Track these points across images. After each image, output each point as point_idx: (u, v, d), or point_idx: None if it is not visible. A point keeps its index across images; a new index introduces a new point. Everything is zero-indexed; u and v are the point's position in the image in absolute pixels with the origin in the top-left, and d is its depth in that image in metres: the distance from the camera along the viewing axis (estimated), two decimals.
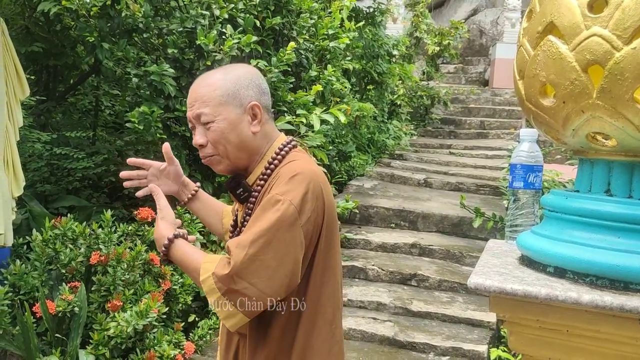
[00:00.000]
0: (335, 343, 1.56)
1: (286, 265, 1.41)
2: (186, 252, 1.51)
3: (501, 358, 3.81)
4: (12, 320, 3.08)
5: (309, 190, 1.45)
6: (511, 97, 10.87)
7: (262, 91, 1.58)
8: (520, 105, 1.38)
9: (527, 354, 1.25)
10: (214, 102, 1.50)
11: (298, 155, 1.59)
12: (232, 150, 1.53)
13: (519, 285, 1.16)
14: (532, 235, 1.34)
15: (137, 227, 3.53)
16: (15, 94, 3.41)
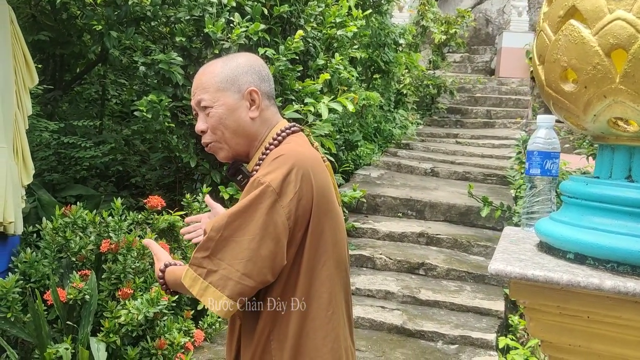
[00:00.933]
0: (332, 329, 1.53)
1: (267, 247, 1.40)
2: (175, 272, 1.58)
3: (509, 346, 3.82)
4: (23, 308, 3.09)
5: (291, 171, 1.43)
6: (518, 87, 10.82)
7: (262, 78, 1.58)
8: (540, 91, 1.37)
9: (546, 340, 1.25)
10: (213, 88, 1.53)
11: (292, 139, 1.59)
12: (230, 135, 1.55)
13: (540, 271, 1.15)
14: (551, 221, 1.33)
15: (147, 215, 3.53)
16: (24, 83, 3.40)
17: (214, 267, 1.40)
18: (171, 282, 1.59)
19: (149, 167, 5.59)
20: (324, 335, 1.52)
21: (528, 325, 1.27)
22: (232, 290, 1.39)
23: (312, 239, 1.49)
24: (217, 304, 1.40)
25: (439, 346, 3.82)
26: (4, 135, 3.13)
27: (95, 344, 2.86)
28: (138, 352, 3.02)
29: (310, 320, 1.51)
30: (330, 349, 1.53)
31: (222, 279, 1.39)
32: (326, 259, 1.52)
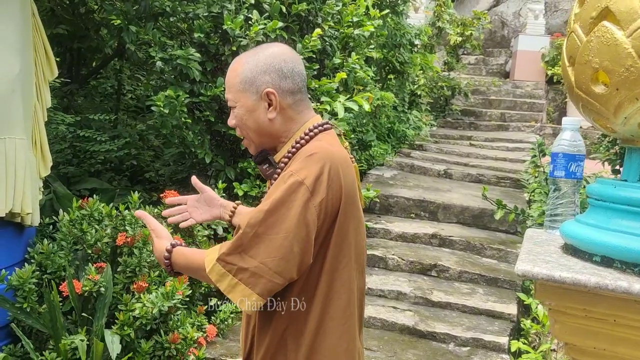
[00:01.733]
0: (348, 331, 1.54)
1: (298, 245, 1.40)
2: (187, 255, 1.56)
3: (521, 350, 3.80)
4: (38, 299, 3.12)
5: (324, 170, 1.44)
6: (532, 90, 10.77)
7: (283, 75, 1.54)
8: (569, 93, 1.36)
9: (571, 343, 1.24)
10: (235, 89, 1.56)
11: (324, 137, 1.58)
12: (252, 135, 1.59)
13: (567, 273, 1.15)
14: (577, 224, 1.33)
15: (163, 210, 3.54)
16: (44, 75, 3.42)
17: (245, 264, 1.40)
18: (180, 265, 1.56)
19: (163, 163, 5.61)
20: (340, 336, 1.53)
21: (552, 328, 1.26)
22: (262, 288, 1.39)
23: (336, 239, 1.49)
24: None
25: (450, 348, 3.81)
26: (23, 127, 3.15)
27: (109, 336, 2.88)
28: (151, 345, 3.04)
29: (328, 319, 1.51)
30: (345, 350, 1.54)
31: (253, 276, 1.39)
32: (348, 260, 1.53)
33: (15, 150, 3.05)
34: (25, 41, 3.19)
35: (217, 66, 4.60)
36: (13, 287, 3.03)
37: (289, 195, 1.41)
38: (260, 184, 4.48)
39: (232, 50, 4.32)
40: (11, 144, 3.03)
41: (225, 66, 4.65)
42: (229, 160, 4.83)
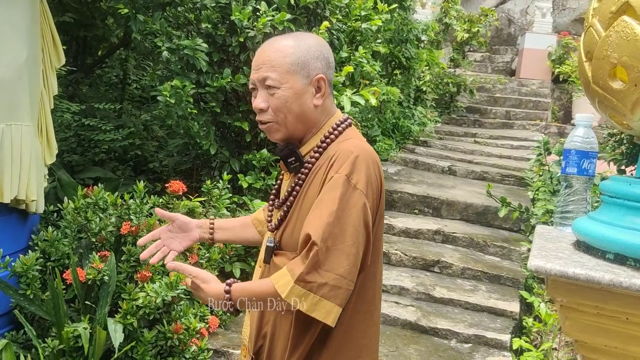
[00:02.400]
0: (373, 324, 1.57)
1: (361, 249, 1.43)
2: (248, 288, 1.49)
3: (523, 348, 3.79)
4: (42, 286, 3.12)
5: (370, 172, 1.46)
6: (538, 88, 10.73)
7: (329, 65, 1.57)
8: (585, 89, 1.35)
9: (581, 340, 1.23)
10: (282, 69, 1.49)
11: (354, 134, 1.59)
12: (291, 119, 1.53)
13: (580, 269, 1.14)
14: (590, 221, 1.32)
15: (168, 200, 3.53)
16: (51, 62, 3.40)
17: (323, 279, 1.37)
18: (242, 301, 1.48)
19: (167, 153, 5.60)
20: (365, 329, 1.55)
21: (563, 325, 1.25)
22: (342, 299, 1.40)
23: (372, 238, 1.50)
24: (330, 315, 1.38)
25: (452, 344, 3.80)
26: (30, 114, 3.14)
27: (112, 325, 2.87)
28: (154, 335, 3.03)
29: (355, 313, 1.53)
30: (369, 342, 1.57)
31: (333, 289, 1.38)
32: (377, 256, 1.55)
33: (21, 136, 3.04)
34: (33, 28, 3.18)
35: (224, 57, 4.59)
36: (16, 273, 3.02)
37: (347, 202, 1.41)
38: (264, 176, 4.46)
39: (239, 42, 4.31)
40: (17, 131, 3.02)
41: (231, 57, 4.64)
42: (233, 152, 4.82)
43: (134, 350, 2.99)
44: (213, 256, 3.63)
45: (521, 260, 4.98)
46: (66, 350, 2.93)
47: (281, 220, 1.58)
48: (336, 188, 1.42)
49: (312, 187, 1.52)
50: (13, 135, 3.00)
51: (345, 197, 1.41)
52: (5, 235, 3.11)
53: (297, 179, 1.56)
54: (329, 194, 1.43)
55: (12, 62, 2.99)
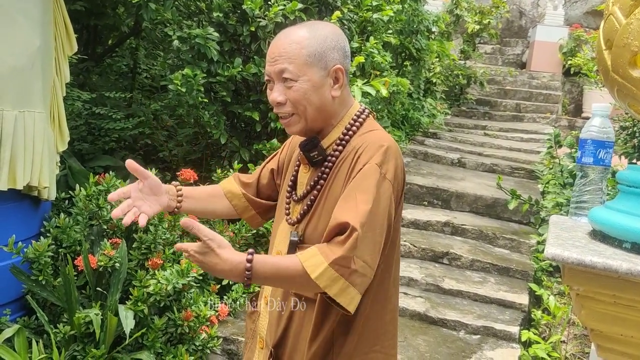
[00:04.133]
0: (390, 311, 1.57)
1: (384, 237, 1.44)
2: (273, 263, 1.40)
3: (531, 340, 3.80)
4: (53, 272, 3.14)
5: (397, 164, 1.48)
6: (549, 81, 10.67)
7: (346, 54, 1.56)
8: (604, 77, 1.34)
9: (597, 329, 1.23)
10: (299, 61, 1.47)
11: (375, 125, 1.60)
12: (311, 111, 1.51)
13: (598, 257, 1.13)
14: (607, 210, 1.31)
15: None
16: (63, 50, 3.41)
17: (356, 266, 1.36)
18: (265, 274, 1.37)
19: (177, 143, 5.61)
20: (382, 317, 1.55)
21: (579, 314, 1.25)
22: (364, 287, 1.40)
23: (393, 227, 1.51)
24: (352, 302, 1.37)
25: (461, 335, 3.81)
26: (42, 101, 3.15)
27: (123, 312, 2.89)
28: (164, 322, 3.05)
29: (374, 302, 1.53)
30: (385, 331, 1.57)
31: (360, 277, 1.38)
32: (394, 246, 1.56)
33: (34, 124, 3.05)
34: (46, 15, 3.18)
35: (235, 47, 4.58)
36: (29, 259, 3.04)
37: (378, 191, 1.42)
38: None
39: (251, 31, 4.30)
40: (30, 118, 3.03)
41: (242, 46, 4.63)
42: (243, 141, 4.82)
43: (144, 337, 3.01)
44: None
45: (530, 253, 4.97)
46: (77, 336, 2.95)
47: (304, 214, 1.56)
48: (369, 177, 1.42)
49: (337, 180, 1.51)
50: (26, 122, 3.01)
51: (377, 186, 1.41)
52: (18, 222, 3.14)
53: (320, 172, 1.55)
54: (363, 183, 1.42)
55: (25, 50, 3.00)
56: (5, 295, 3.09)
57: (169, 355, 3.05)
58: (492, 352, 3.60)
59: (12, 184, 2.96)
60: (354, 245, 1.34)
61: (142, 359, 2.94)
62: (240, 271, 1.34)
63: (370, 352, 1.53)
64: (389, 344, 1.57)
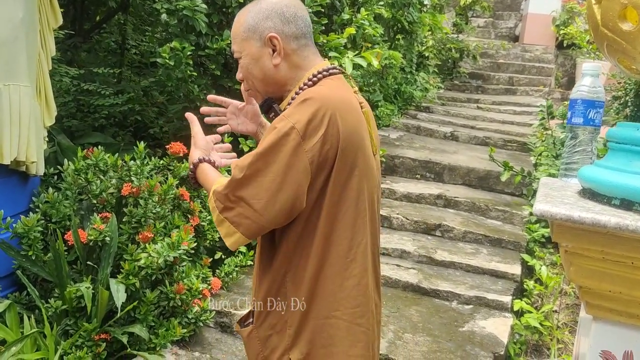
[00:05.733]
0: (351, 277, 1.51)
1: (287, 190, 1.39)
2: (207, 174, 1.61)
3: (523, 310, 3.82)
4: (43, 248, 3.12)
5: (317, 115, 1.40)
6: (542, 54, 10.63)
7: (286, 20, 1.52)
8: (593, 33, 1.31)
9: (586, 286, 1.22)
10: (239, 38, 1.56)
11: (327, 82, 1.54)
12: (258, 84, 1.58)
13: (586, 213, 1.12)
14: (596, 167, 1.30)
15: (169, 162, 3.52)
16: (48, 23, 3.35)
17: (232, 204, 1.43)
18: (199, 181, 1.65)
19: (167, 119, 5.56)
20: (341, 282, 1.51)
21: (567, 271, 1.24)
22: (246, 229, 1.43)
23: (334, 186, 1.46)
24: (229, 238, 1.46)
25: (453, 305, 3.82)
26: (28, 74, 3.10)
27: (114, 285, 2.87)
28: (156, 295, 3.04)
29: (328, 266, 1.50)
30: (347, 296, 1.51)
31: (238, 216, 1.42)
32: (348, 207, 1.49)
33: (20, 97, 3.01)
34: None
35: (224, 19, 4.52)
36: (18, 235, 3.02)
37: (279, 139, 1.39)
38: None
39: (239, 3, 4.24)
40: (15, 91, 2.98)
41: (231, 19, 4.56)
42: None
43: (137, 310, 3.00)
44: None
45: (523, 224, 4.98)
46: (69, 310, 2.94)
47: None
48: (271, 128, 1.43)
49: None
50: (11, 96, 2.96)
51: (277, 135, 1.40)
52: (6, 197, 3.10)
53: None
54: (266, 133, 1.45)
55: (8, 22, 2.94)
56: None
57: (162, 329, 3.05)
58: (485, 322, 3.62)
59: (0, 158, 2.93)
60: (229, 183, 1.45)
61: (134, 332, 2.94)
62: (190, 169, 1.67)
63: (331, 316, 1.49)
64: (353, 312, 1.51)
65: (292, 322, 1.51)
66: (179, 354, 3.10)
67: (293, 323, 1.51)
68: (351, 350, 1.50)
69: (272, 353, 1.54)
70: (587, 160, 1.55)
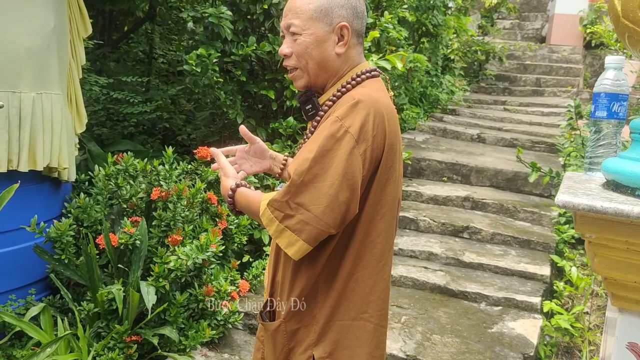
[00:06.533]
0: (381, 280, 1.55)
1: (344, 193, 1.40)
2: (248, 196, 1.58)
3: (553, 311, 3.77)
4: (76, 252, 3.19)
5: (369, 119, 1.42)
6: (569, 55, 10.50)
7: (357, 14, 1.56)
8: (614, 25, 1.31)
9: (611, 277, 1.22)
10: (305, 15, 1.52)
11: (370, 84, 1.57)
12: (312, 66, 1.55)
13: (609, 203, 1.12)
14: (620, 159, 1.29)
15: (197, 166, 3.57)
16: (78, 32, 3.44)
17: (292, 211, 1.41)
18: (241, 205, 1.61)
19: (194, 126, 5.65)
20: (372, 285, 1.53)
21: (592, 262, 1.24)
22: (308, 235, 1.41)
23: (376, 189, 1.49)
24: (292, 247, 1.43)
25: (482, 307, 3.80)
26: (59, 82, 3.18)
27: (145, 287, 2.92)
28: (186, 297, 3.09)
29: (361, 268, 1.52)
30: (377, 298, 1.54)
31: (300, 223, 1.41)
32: (385, 211, 1.52)
33: (52, 105, 3.09)
34: None
35: (248, 25, 4.58)
36: (51, 239, 3.10)
37: (334, 143, 1.40)
38: (291, 144, 4.47)
39: (263, 9, 4.30)
40: (47, 100, 3.07)
41: (256, 26, 4.63)
42: (260, 121, 4.83)
43: (167, 312, 3.05)
44: (242, 222, 3.66)
45: (552, 225, 4.93)
46: (101, 313, 3.01)
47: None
48: (325, 129, 1.43)
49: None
50: (44, 104, 3.05)
51: (332, 138, 1.40)
52: (40, 203, 3.19)
53: (311, 127, 1.58)
54: (318, 134, 1.44)
55: (41, 31, 3.03)
56: (30, 275, 3.16)
57: (191, 330, 3.10)
58: (514, 323, 3.58)
59: (32, 165, 3.01)
60: (287, 190, 1.42)
61: (164, 334, 2.99)
62: (226, 198, 1.63)
63: (359, 318, 1.52)
64: (380, 315, 1.54)
65: (320, 318, 1.53)
66: (208, 356, 3.14)
67: (320, 319, 1.53)
68: (375, 352, 1.54)
69: (296, 345, 1.56)
70: (612, 153, 1.54)
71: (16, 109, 2.93)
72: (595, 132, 1.58)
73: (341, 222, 1.43)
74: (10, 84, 2.91)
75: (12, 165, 2.94)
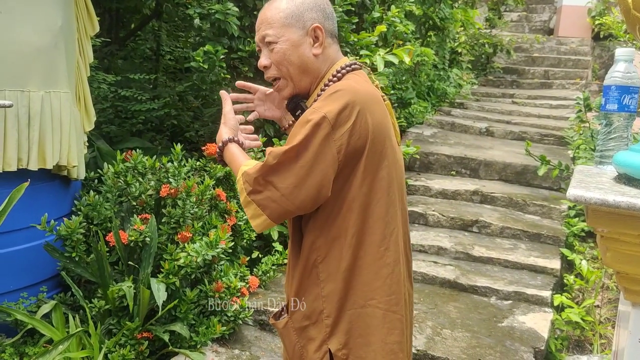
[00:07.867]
0: (385, 265, 1.54)
1: (314, 177, 1.44)
2: (234, 155, 1.64)
3: (564, 305, 3.76)
4: (86, 249, 3.20)
5: (347, 106, 1.45)
6: (577, 47, 10.43)
7: (327, 15, 1.61)
8: (625, 17, 1.30)
9: (623, 271, 1.21)
10: (277, 24, 1.55)
11: (352, 77, 1.59)
12: (294, 71, 1.58)
13: (622, 197, 1.11)
14: (632, 152, 1.28)
15: (205, 163, 3.58)
16: (85, 30, 3.45)
17: (260, 187, 1.47)
18: (226, 159, 1.67)
19: (202, 123, 5.65)
20: (376, 271, 1.54)
21: (604, 257, 1.23)
22: (272, 212, 1.47)
23: (365, 176, 1.50)
24: (255, 220, 1.50)
25: (492, 301, 3.79)
26: (67, 81, 3.19)
27: (155, 284, 2.93)
28: (196, 294, 3.10)
29: (362, 255, 1.53)
30: (382, 284, 1.54)
31: (266, 199, 1.47)
32: (380, 196, 1.53)
33: (60, 104, 3.10)
34: None
35: (254, 22, 4.56)
36: (62, 237, 3.11)
37: (309, 129, 1.43)
38: None
39: None
40: (56, 98, 3.08)
41: None
42: None
43: (177, 309, 3.06)
44: None
45: (562, 219, 4.91)
46: (112, 310, 3.02)
47: None
48: (303, 119, 1.47)
49: None
50: (52, 103, 3.06)
51: (306, 123, 1.44)
52: (50, 201, 3.20)
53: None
54: (298, 125, 1.48)
55: (48, 30, 3.04)
56: (41, 272, 3.17)
57: (202, 327, 3.11)
58: (525, 317, 3.58)
59: (42, 163, 3.02)
60: (261, 168, 1.47)
61: (175, 330, 3.00)
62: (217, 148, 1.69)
63: (367, 305, 1.53)
64: (389, 300, 1.54)
65: (329, 312, 1.53)
66: (219, 352, 3.15)
67: (330, 313, 1.53)
68: (388, 338, 1.53)
69: (309, 343, 1.57)
70: (623, 147, 1.53)
71: (25, 108, 2.94)
72: (606, 125, 1.57)
73: (311, 204, 1.47)
74: (19, 83, 2.92)
75: (21, 163, 2.95)
